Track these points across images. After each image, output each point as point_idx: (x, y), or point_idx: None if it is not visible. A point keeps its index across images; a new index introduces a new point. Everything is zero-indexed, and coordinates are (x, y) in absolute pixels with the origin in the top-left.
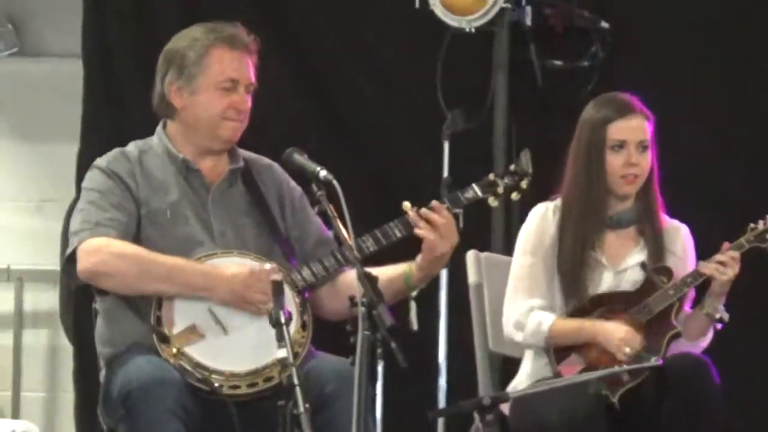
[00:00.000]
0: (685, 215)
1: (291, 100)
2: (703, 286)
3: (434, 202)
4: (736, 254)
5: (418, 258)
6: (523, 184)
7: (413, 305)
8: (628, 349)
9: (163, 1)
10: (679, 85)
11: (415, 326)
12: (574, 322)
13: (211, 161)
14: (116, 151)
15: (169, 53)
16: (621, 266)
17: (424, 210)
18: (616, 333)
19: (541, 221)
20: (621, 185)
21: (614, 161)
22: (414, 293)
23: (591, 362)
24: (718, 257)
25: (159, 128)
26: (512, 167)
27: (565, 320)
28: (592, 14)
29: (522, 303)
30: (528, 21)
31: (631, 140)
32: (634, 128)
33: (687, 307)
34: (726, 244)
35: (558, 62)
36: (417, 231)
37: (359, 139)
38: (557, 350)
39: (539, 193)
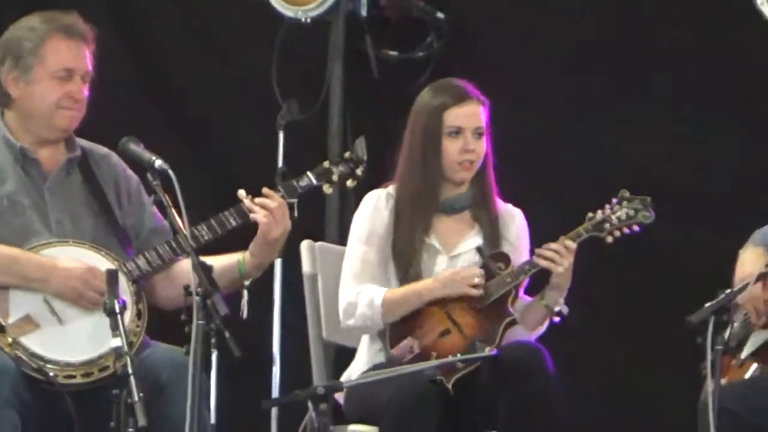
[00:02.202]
0: (520, 201)
1: (127, 88)
2: (545, 276)
3: (266, 189)
4: (571, 244)
5: (252, 245)
6: (359, 172)
7: (245, 293)
8: (476, 279)
9: None
10: (513, 75)
11: (245, 314)
12: (406, 287)
13: (49, 150)
14: None
15: (5, 42)
16: (455, 251)
17: (258, 198)
18: (455, 272)
19: (374, 208)
20: (457, 171)
21: (451, 147)
22: (247, 282)
23: (427, 346)
24: (553, 245)
25: None
26: (347, 154)
27: (397, 289)
28: (427, 5)
29: (355, 288)
30: (364, 11)
31: (467, 127)
32: (470, 115)
33: (521, 295)
34: (562, 239)
35: (393, 52)
36: (252, 215)
37: (195, 128)
38: (392, 334)
39: (374, 182)
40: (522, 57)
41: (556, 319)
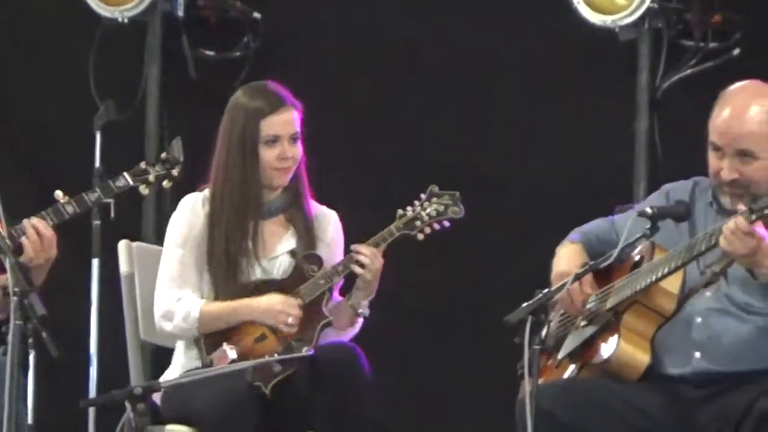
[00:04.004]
0: (334, 201)
1: None
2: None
3: (35, 219)
4: (374, 249)
5: None
6: (175, 172)
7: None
8: (290, 319)
9: None
10: (329, 75)
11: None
12: (223, 304)
13: None
14: None
15: None
16: (272, 254)
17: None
18: (273, 305)
19: (191, 212)
20: (276, 177)
21: (268, 155)
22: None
23: (243, 351)
24: (364, 250)
25: None
26: (164, 155)
27: (214, 304)
28: (244, 5)
29: (171, 293)
30: (180, 12)
31: (284, 134)
32: (287, 122)
33: (336, 295)
34: (372, 240)
35: (210, 52)
36: (22, 239)
37: (12, 129)
38: (208, 340)
39: (192, 182)
40: (337, 57)
41: (359, 320)
